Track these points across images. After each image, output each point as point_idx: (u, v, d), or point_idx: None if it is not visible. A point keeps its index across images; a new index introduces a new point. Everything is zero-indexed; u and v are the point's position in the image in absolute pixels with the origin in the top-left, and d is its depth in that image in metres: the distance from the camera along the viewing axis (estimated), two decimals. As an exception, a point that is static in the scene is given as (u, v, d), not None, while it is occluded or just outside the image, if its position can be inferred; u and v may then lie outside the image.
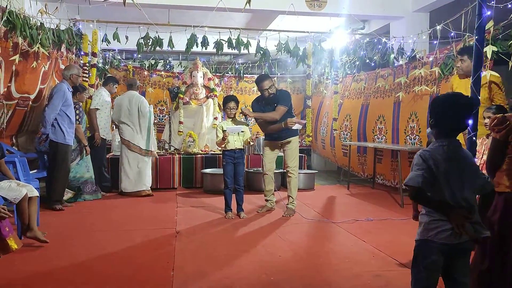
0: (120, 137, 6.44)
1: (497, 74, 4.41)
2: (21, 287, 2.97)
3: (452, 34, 5.37)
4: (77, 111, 5.66)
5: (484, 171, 2.66)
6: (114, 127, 6.79)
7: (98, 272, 3.26)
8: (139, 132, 6.35)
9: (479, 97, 2.92)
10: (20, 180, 4.32)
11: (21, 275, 3.14)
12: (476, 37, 2.95)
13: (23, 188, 3.77)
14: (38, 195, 3.96)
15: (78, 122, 5.66)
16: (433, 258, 2.06)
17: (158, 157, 6.86)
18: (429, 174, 2.05)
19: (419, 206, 2.58)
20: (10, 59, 4.75)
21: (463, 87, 4.66)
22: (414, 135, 6.12)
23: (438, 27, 5.61)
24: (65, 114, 5.33)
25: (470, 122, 2.97)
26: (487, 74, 4.45)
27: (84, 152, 5.88)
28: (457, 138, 2.16)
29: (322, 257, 3.64)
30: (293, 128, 5.10)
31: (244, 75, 9.80)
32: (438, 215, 2.05)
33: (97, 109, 6.32)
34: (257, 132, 7.53)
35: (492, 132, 2.62)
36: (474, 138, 2.93)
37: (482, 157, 4.02)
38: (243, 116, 5.14)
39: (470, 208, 2.05)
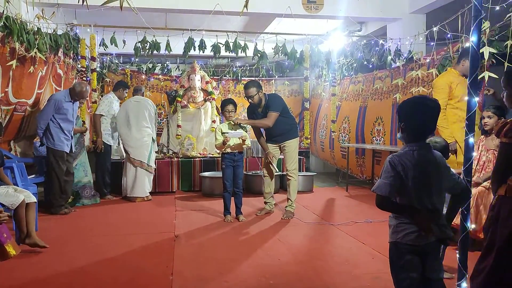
0: (124, 148, 6.41)
1: (493, 75, 4.44)
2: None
3: (449, 35, 5.39)
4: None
5: (457, 171, 2.65)
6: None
7: (97, 277, 3.25)
8: (144, 137, 6.33)
9: (477, 98, 2.92)
10: (18, 185, 4.32)
11: (20, 281, 3.13)
12: (472, 38, 2.96)
13: (20, 194, 3.76)
14: (36, 201, 3.95)
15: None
16: (406, 258, 2.11)
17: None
18: (397, 181, 2.08)
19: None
20: (7, 64, 4.74)
21: (461, 84, 4.70)
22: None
23: (434, 29, 5.63)
24: (58, 122, 5.35)
25: (468, 123, 2.99)
26: (485, 75, 4.48)
27: (83, 154, 5.88)
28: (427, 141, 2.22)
29: (321, 260, 3.64)
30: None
31: (242, 78, 9.80)
32: (405, 217, 2.11)
33: (102, 115, 6.32)
34: None
35: (501, 138, 2.28)
36: (472, 139, 2.94)
37: (479, 157, 4.04)
38: (238, 125, 5.13)
39: (435, 211, 2.10)
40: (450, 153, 4.26)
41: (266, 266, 3.46)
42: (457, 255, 2.68)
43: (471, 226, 3.04)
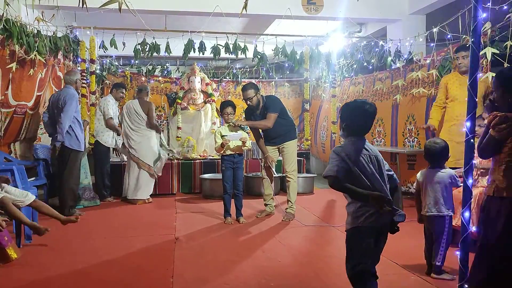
0: (128, 150, 6.40)
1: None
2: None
3: (449, 36, 5.38)
4: None
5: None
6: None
7: (97, 279, 3.24)
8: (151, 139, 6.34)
9: (476, 99, 2.91)
10: (18, 188, 4.31)
11: (20, 283, 3.12)
12: (472, 39, 2.96)
13: (30, 194, 3.84)
14: (35, 197, 3.95)
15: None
16: (367, 241, 2.29)
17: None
18: (343, 163, 2.30)
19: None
20: (7, 67, 4.75)
21: (458, 83, 4.72)
22: (413, 137, 6.11)
23: (435, 30, 5.63)
24: (77, 120, 5.33)
25: (468, 124, 2.98)
26: (489, 76, 4.47)
27: (84, 156, 5.88)
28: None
29: (322, 262, 3.63)
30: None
31: (242, 80, 9.79)
32: (360, 201, 2.31)
33: (111, 118, 6.33)
34: None
35: (490, 130, 2.46)
36: (472, 140, 2.93)
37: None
38: (239, 126, 5.12)
39: (384, 193, 2.31)
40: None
41: (267, 267, 3.45)
42: (458, 256, 2.68)
43: (472, 227, 3.03)
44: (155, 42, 7.13)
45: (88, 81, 7.01)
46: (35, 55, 5.14)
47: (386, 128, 6.80)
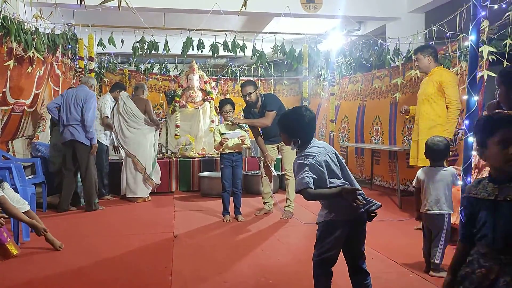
0: (125, 148, 6.38)
1: (492, 74, 4.45)
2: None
3: (448, 34, 5.38)
4: None
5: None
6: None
7: (95, 277, 3.23)
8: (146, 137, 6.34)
9: (476, 98, 2.92)
10: (16, 186, 4.31)
11: (18, 282, 3.11)
12: (471, 37, 2.96)
13: (25, 204, 3.83)
14: (28, 209, 3.92)
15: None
16: (337, 234, 2.35)
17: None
18: (314, 171, 2.32)
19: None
20: (5, 64, 4.73)
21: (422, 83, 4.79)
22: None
23: (433, 28, 5.62)
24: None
25: (467, 122, 2.98)
26: (484, 74, 4.49)
27: None
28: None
29: (320, 260, 3.62)
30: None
31: (241, 78, 9.79)
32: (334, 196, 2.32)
33: (107, 117, 6.32)
34: None
35: None
36: (470, 138, 2.94)
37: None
38: (237, 125, 5.11)
39: (355, 185, 2.40)
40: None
41: (265, 265, 3.45)
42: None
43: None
44: (154, 40, 7.11)
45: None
46: (33, 52, 5.12)
47: (384, 127, 6.80)
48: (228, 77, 9.83)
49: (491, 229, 1.60)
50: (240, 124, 5.16)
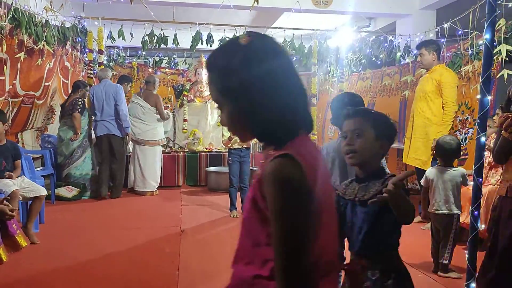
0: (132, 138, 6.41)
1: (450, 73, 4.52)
2: (25, 287, 2.97)
3: (460, 32, 5.31)
4: (80, 104, 5.72)
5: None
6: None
7: (102, 272, 3.24)
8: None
9: (489, 97, 2.87)
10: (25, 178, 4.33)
11: (26, 274, 3.14)
12: (486, 36, 2.91)
13: (41, 187, 3.89)
14: (45, 193, 3.96)
15: (78, 110, 5.71)
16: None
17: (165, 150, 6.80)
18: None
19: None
20: (15, 56, 4.74)
21: (421, 80, 4.75)
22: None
23: (445, 25, 5.55)
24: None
25: (480, 122, 2.94)
26: (504, 74, 4.43)
27: (90, 149, 5.88)
28: None
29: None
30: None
31: (249, 73, 9.74)
32: None
33: None
34: None
35: (503, 132, 2.41)
36: (482, 138, 2.90)
37: (490, 156, 3.99)
38: None
39: None
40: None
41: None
42: (466, 255, 2.66)
43: (481, 226, 3.01)
44: (163, 33, 7.10)
45: (95, 71, 6.99)
46: (43, 45, 5.13)
47: (393, 124, 6.75)
48: (237, 72, 9.79)
49: (350, 231, 1.60)
50: None
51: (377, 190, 1.53)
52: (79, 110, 5.72)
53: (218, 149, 7.41)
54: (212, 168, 6.95)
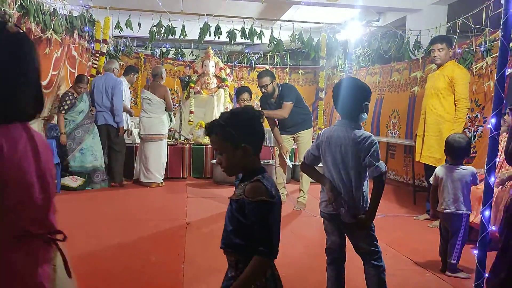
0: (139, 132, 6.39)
1: (462, 70, 4.45)
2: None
3: (472, 28, 5.23)
4: (68, 101, 5.68)
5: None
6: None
7: (108, 263, 3.23)
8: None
9: (504, 95, 2.82)
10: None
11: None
12: (502, 33, 2.85)
13: None
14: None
15: (63, 112, 5.67)
16: (325, 224, 2.46)
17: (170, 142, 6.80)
18: (315, 150, 2.40)
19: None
20: (23, 45, 4.71)
21: (432, 76, 4.68)
22: (417, 129, 6.01)
23: (458, 21, 5.47)
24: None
25: (493, 121, 2.89)
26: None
27: (89, 138, 5.83)
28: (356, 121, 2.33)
29: (334, 254, 3.58)
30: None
31: (256, 66, 9.70)
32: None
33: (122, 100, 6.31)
34: None
35: None
36: (496, 137, 2.85)
37: (501, 155, 3.93)
38: None
39: (341, 185, 2.29)
40: None
41: (278, 257, 3.38)
42: (475, 256, 2.62)
43: (492, 226, 2.97)
44: (171, 24, 7.05)
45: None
46: (51, 34, 5.10)
47: (402, 120, 6.69)
48: (244, 64, 9.74)
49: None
50: None
51: (240, 192, 1.55)
52: (64, 108, 5.69)
53: (224, 142, 7.38)
54: (217, 161, 6.91)
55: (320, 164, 2.42)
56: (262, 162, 6.16)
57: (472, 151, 5.05)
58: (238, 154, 1.57)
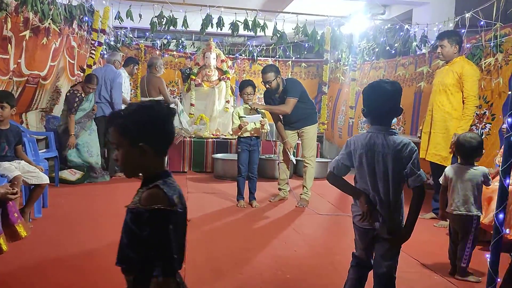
0: None
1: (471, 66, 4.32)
2: (30, 275, 2.87)
3: (482, 22, 5.10)
4: (78, 101, 5.51)
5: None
6: None
7: (107, 260, 3.11)
8: None
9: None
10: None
11: (26, 265, 3.03)
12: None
13: (44, 175, 3.77)
14: (47, 182, 3.83)
15: (73, 112, 5.50)
16: (356, 237, 2.26)
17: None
18: (346, 159, 2.16)
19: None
20: (21, 34, 4.58)
21: (440, 72, 4.56)
22: (422, 126, 5.90)
23: (467, 15, 5.33)
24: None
25: (510, 120, 2.78)
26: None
27: (85, 134, 5.71)
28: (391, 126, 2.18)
29: (339, 254, 3.49)
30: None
31: (258, 58, 9.56)
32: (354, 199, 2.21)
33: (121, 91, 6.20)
34: None
35: None
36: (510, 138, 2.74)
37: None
38: (255, 110, 4.90)
39: (383, 199, 2.10)
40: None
41: (282, 258, 3.33)
42: (488, 259, 2.53)
43: (506, 230, 2.87)
44: (173, 15, 6.91)
45: (102, 52, 6.84)
46: (49, 23, 4.96)
47: (407, 116, 6.58)
48: (245, 57, 9.60)
49: None
50: (257, 110, 4.94)
51: (137, 199, 1.41)
52: (76, 110, 5.53)
53: (225, 136, 7.28)
54: (218, 155, 6.81)
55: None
56: (263, 156, 6.07)
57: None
58: (134, 152, 1.41)
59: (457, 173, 3.12)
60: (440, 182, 3.27)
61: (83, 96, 5.58)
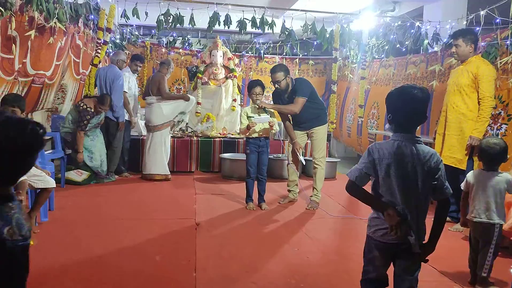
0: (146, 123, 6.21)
1: (487, 66, 4.19)
2: (34, 284, 2.78)
3: (498, 20, 4.95)
4: (89, 118, 5.44)
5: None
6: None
7: (117, 268, 3.05)
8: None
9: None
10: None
11: (34, 272, 2.94)
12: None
13: (51, 179, 3.72)
14: (53, 186, 3.75)
15: (83, 129, 5.43)
16: (373, 254, 2.08)
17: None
18: (369, 168, 2.02)
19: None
20: (26, 34, 4.48)
21: (454, 72, 4.44)
22: (437, 127, 5.77)
23: (482, 12, 5.18)
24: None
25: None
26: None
27: (88, 139, 5.62)
28: (416, 135, 2.05)
29: (353, 261, 3.38)
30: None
31: (265, 55, 9.44)
32: (376, 211, 2.04)
33: (125, 92, 6.09)
34: None
35: None
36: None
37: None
38: (263, 109, 4.79)
39: (412, 211, 1.97)
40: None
41: (295, 265, 3.23)
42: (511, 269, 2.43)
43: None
44: (179, 13, 6.80)
45: (107, 51, 6.75)
46: (55, 22, 4.86)
47: (417, 116, 6.45)
48: (252, 54, 9.48)
49: None
50: (265, 109, 4.83)
51: None
52: (86, 126, 5.46)
53: (232, 135, 7.18)
54: (226, 155, 6.72)
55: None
56: (271, 156, 5.93)
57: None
58: None
59: (479, 179, 3.00)
60: (462, 188, 3.16)
61: (94, 115, 5.52)
